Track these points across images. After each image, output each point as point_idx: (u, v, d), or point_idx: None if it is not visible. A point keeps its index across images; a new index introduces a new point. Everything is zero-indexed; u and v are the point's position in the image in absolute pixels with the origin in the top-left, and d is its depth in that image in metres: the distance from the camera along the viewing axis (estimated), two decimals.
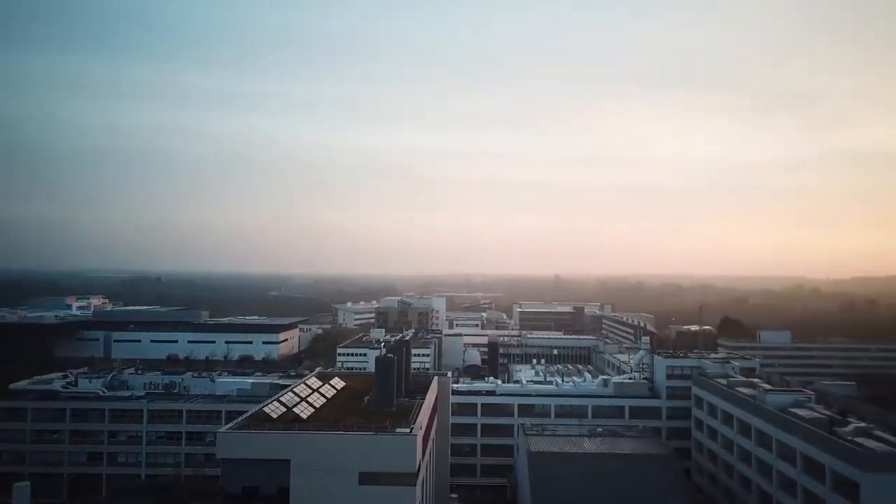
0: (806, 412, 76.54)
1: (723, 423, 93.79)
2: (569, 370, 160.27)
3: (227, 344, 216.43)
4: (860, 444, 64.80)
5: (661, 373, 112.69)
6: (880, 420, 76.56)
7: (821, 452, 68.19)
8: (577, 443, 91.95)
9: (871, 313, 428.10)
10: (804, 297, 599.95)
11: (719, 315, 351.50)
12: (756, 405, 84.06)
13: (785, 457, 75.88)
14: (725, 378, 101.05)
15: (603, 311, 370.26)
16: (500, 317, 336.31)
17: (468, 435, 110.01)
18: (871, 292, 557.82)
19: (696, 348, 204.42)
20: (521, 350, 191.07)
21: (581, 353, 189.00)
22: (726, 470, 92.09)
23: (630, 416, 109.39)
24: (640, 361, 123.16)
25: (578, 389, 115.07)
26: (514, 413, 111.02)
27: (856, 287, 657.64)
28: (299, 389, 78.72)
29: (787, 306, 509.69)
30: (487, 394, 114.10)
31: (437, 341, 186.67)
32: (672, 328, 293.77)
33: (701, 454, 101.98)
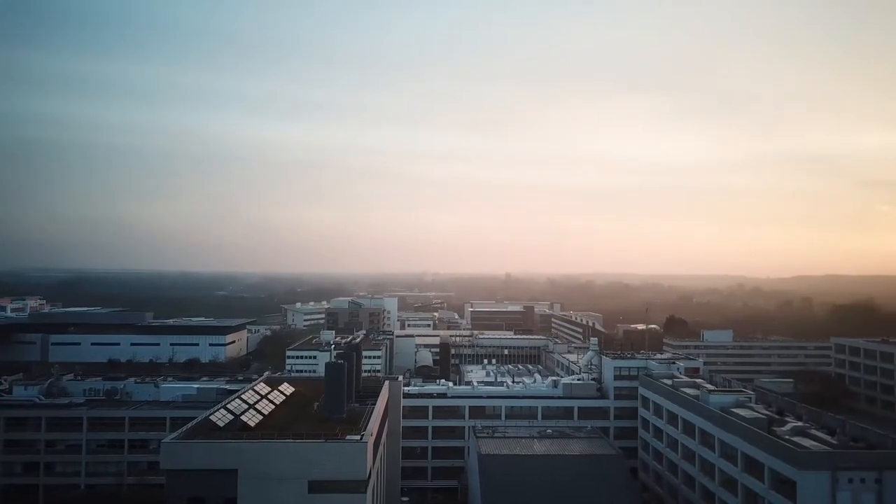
0: (746, 412, 78.96)
1: (668, 422, 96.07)
2: (519, 370, 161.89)
3: (173, 346, 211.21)
4: (797, 443, 67.17)
5: (608, 373, 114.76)
6: (815, 419, 79.47)
7: (760, 451, 70.46)
8: (527, 445, 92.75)
9: (808, 311, 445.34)
10: (745, 296, 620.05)
11: (665, 314, 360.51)
12: (699, 405, 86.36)
13: (727, 456, 78.18)
14: (671, 378, 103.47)
15: (553, 310, 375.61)
16: (451, 316, 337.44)
17: (419, 437, 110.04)
18: (808, 291, 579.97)
19: (642, 347, 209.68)
20: (473, 350, 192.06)
21: (531, 352, 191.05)
22: (671, 468, 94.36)
23: (579, 417, 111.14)
24: (589, 362, 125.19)
25: (529, 391, 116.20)
26: (465, 415, 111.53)
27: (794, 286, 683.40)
28: (247, 396, 77.37)
29: (729, 305, 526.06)
30: (439, 396, 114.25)
31: (388, 343, 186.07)
32: (620, 327, 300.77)
33: (647, 453, 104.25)
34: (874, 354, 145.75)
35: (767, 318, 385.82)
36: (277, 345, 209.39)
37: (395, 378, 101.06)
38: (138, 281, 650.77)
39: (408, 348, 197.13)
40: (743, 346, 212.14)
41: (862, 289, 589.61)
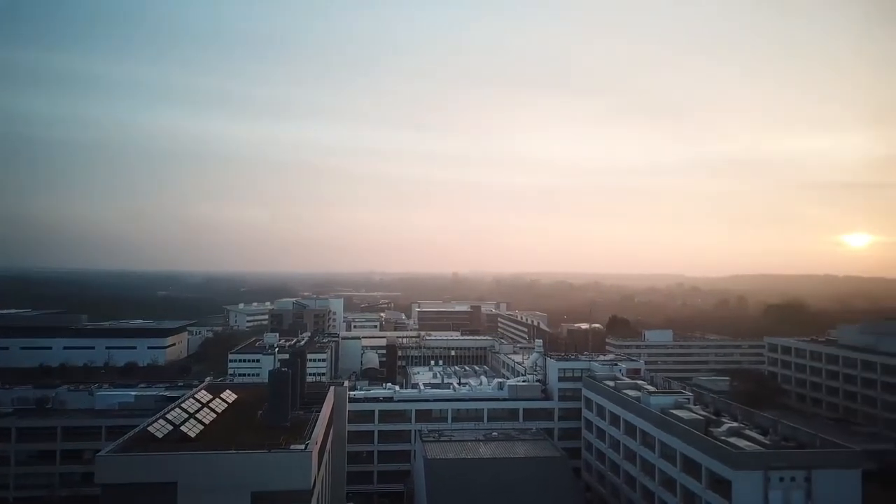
0: (685, 413, 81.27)
1: (610, 423, 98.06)
2: (466, 371, 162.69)
3: (109, 350, 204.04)
4: (732, 444, 69.50)
5: (553, 375, 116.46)
6: (749, 419, 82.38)
7: (697, 452, 72.59)
8: (473, 448, 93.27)
9: (743, 310, 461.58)
10: (684, 295, 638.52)
11: (608, 313, 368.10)
12: (640, 407, 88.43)
13: (666, 456, 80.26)
14: (613, 380, 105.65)
15: (499, 309, 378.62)
16: (399, 317, 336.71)
17: (365, 442, 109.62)
18: (743, 289, 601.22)
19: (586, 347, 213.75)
20: (420, 352, 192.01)
21: (478, 353, 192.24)
22: (613, 469, 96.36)
23: (524, 419, 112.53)
24: (534, 364, 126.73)
25: (475, 393, 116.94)
26: (411, 419, 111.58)
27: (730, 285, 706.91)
28: (187, 405, 75.28)
29: (669, 304, 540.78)
30: (385, 400, 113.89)
31: (334, 345, 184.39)
32: (564, 326, 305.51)
33: (590, 453, 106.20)
34: (804, 353, 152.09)
35: (705, 316, 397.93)
36: (219, 347, 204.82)
37: (341, 383, 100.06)
38: (73, 280, 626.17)
39: (354, 350, 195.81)
40: (682, 346, 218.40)
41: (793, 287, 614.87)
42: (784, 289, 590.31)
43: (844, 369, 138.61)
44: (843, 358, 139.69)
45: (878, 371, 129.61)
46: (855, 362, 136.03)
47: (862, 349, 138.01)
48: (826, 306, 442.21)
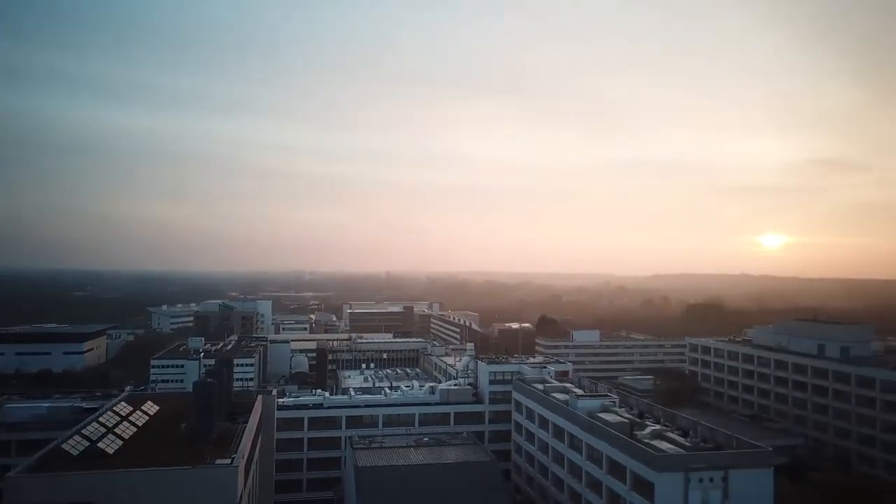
0: (611, 416, 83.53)
1: (540, 426, 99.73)
2: (398, 374, 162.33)
3: (20, 356, 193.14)
4: (655, 446, 71.89)
5: (484, 378, 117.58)
6: (671, 420, 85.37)
7: (622, 455, 74.74)
8: (403, 454, 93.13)
9: (666, 308, 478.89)
10: (611, 294, 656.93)
11: (538, 312, 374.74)
12: (568, 410, 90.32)
13: (593, 458, 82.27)
14: (542, 383, 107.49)
15: (432, 309, 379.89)
16: (329, 318, 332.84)
17: (294, 450, 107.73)
18: (666, 289, 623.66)
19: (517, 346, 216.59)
20: (351, 355, 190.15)
21: (410, 355, 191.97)
22: (542, 471, 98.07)
23: (455, 422, 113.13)
24: (466, 367, 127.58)
25: (406, 398, 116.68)
26: (342, 425, 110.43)
27: (654, 284, 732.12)
28: (105, 418, 72.07)
29: (596, 303, 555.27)
30: (315, 407, 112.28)
31: (262, 349, 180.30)
32: (495, 326, 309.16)
33: (520, 456, 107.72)
34: (722, 353, 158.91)
35: (631, 316, 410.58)
36: (142, 352, 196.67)
37: (269, 392, 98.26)
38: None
39: (283, 354, 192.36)
40: (608, 346, 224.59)
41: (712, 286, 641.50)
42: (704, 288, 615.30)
43: (759, 368, 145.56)
44: (758, 357, 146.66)
45: (790, 370, 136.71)
46: (768, 361, 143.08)
47: (775, 349, 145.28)
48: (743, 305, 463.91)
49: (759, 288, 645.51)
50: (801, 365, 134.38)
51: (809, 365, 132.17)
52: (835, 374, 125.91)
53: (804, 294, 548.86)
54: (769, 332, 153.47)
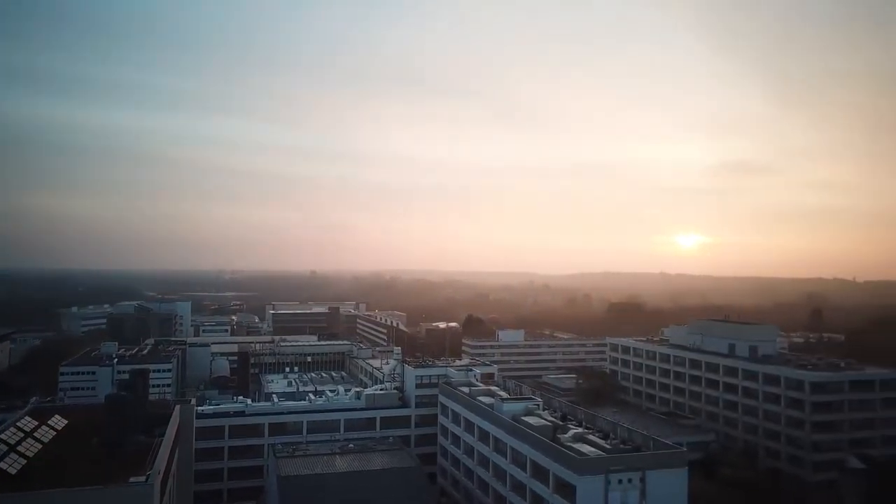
0: (534, 420, 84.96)
1: (465, 430, 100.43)
2: (322, 378, 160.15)
3: None
4: (576, 449, 73.61)
5: (410, 382, 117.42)
6: (592, 422, 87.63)
7: (545, 458, 76.19)
8: (328, 462, 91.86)
9: (588, 307, 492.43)
10: (536, 292, 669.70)
11: (465, 310, 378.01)
12: (493, 414, 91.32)
13: (517, 462, 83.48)
14: (468, 386, 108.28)
15: (358, 310, 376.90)
16: (252, 320, 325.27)
17: (215, 459, 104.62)
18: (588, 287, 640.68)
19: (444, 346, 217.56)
20: (274, 358, 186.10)
21: (335, 358, 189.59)
22: (468, 474, 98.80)
23: (381, 427, 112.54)
24: (392, 371, 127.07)
25: (331, 404, 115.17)
26: (265, 433, 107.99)
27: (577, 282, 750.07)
28: (7, 435, 67.67)
29: (521, 301, 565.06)
30: (236, 415, 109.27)
31: (180, 353, 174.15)
32: (423, 326, 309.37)
33: (446, 459, 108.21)
34: (640, 352, 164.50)
35: (555, 314, 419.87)
36: (49, 358, 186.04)
37: (188, 401, 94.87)
38: None
39: (203, 358, 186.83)
40: (532, 346, 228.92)
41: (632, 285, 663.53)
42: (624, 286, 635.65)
43: (675, 367, 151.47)
44: (674, 357, 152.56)
45: (703, 368, 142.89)
46: (684, 360, 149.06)
47: (690, 348, 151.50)
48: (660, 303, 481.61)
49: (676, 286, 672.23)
50: (713, 364, 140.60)
51: (721, 363, 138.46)
52: (744, 372, 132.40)
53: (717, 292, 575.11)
54: (684, 332, 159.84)
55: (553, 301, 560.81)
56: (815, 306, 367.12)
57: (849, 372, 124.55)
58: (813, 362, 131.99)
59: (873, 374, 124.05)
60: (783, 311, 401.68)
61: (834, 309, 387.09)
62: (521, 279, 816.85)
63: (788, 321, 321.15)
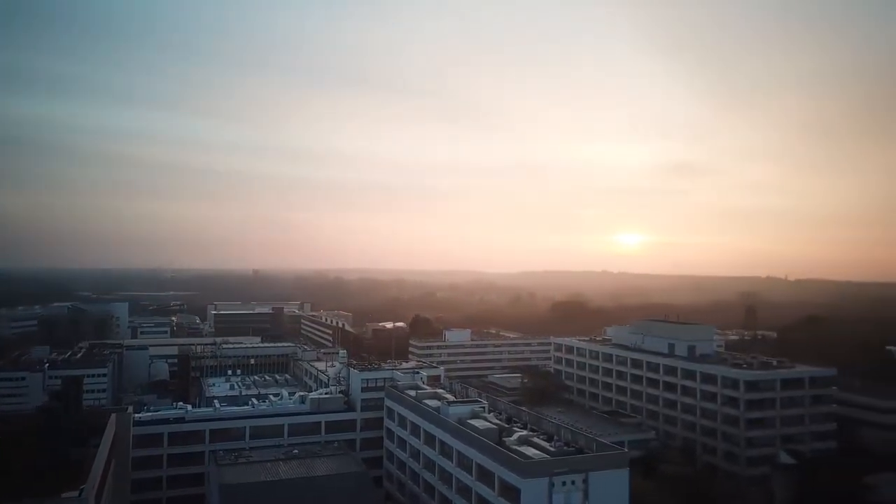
0: (480, 423, 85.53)
1: (411, 433, 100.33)
2: (266, 381, 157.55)
3: None
4: (521, 452, 74.44)
5: (356, 386, 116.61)
6: (537, 424, 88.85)
7: (490, 461, 76.79)
8: (272, 469, 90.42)
9: (533, 305, 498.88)
10: (482, 291, 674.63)
11: (412, 309, 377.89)
12: (439, 418, 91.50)
13: (463, 465, 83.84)
14: (415, 389, 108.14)
15: (303, 310, 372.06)
16: (193, 320, 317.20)
17: (153, 468, 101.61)
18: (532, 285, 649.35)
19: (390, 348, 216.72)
20: (216, 361, 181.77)
21: (280, 360, 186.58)
22: (413, 478, 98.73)
23: (326, 431, 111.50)
24: (338, 375, 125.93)
25: (275, 408, 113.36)
26: (205, 439, 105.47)
27: (521, 281, 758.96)
28: None
29: (468, 299, 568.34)
30: (175, 421, 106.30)
31: (116, 357, 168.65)
32: (369, 326, 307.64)
33: (391, 463, 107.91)
34: (584, 352, 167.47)
35: (500, 313, 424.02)
36: None
37: (125, 409, 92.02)
38: None
39: (141, 361, 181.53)
40: (479, 345, 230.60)
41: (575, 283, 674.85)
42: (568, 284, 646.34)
43: (617, 367, 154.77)
44: (616, 356, 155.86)
45: (644, 368, 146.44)
46: (625, 360, 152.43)
47: (631, 348, 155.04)
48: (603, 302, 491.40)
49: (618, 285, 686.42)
50: (653, 363, 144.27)
51: (661, 363, 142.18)
52: (683, 372, 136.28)
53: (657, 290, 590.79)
54: (626, 332, 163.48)
55: (499, 299, 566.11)
56: (750, 304, 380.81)
57: (780, 370, 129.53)
58: (748, 361, 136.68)
59: (803, 372, 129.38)
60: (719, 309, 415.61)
61: (767, 307, 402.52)
62: (468, 277, 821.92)
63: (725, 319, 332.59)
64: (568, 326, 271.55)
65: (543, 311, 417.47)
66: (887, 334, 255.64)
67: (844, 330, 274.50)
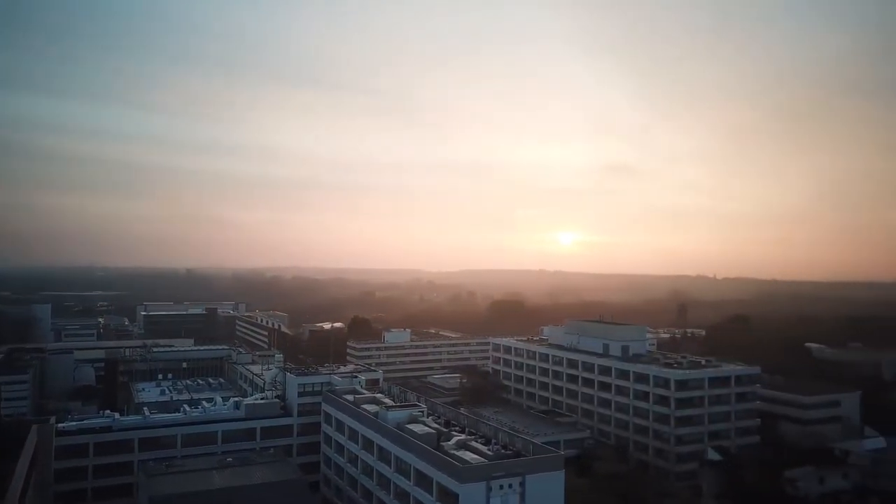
0: (419, 427, 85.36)
1: (349, 438, 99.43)
2: (199, 385, 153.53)
3: None
4: (459, 457, 74.72)
5: (293, 390, 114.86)
6: (475, 427, 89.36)
7: (429, 467, 76.79)
8: (205, 478, 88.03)
9: (473, 304, 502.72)
10: (422, 289, 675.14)
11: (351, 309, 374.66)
12: (377, 423, 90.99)
13: (401, 471, 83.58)
14: (353, 394, 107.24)
15: (238, 310, 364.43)
16: (122, 322, 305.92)
17: (77, 480, 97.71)
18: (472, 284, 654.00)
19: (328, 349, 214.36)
20: (147, 365, 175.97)
21: (213, 363, 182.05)
22: (351, 483, 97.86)
23: (262, 437, 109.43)
24: (274, 379, 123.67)
25: (208, 415, 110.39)
26: (134, 448, 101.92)
27: (461, 279, 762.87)
28: None
29: (408, 298, 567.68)
30: (102, 431, 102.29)
31: (38, 362, 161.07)
32: (306, 327, 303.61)
33: (329, 468, 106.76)
34: (521, 352, 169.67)
35: (440, 311, 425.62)
36: None
37: (46, 420, 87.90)
38: None
39: (65, 366, 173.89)
40: (418, 346, 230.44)
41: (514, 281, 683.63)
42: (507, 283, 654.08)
43: (553, 367, 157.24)
44: (552, 356, 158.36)
45: (580, 368, 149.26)
46: (561, 360, 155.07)
47: (567, 348, 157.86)
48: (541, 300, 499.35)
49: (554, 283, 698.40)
50: (588, 363, 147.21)
51: (596, 363, 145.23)
52: (617, 371, 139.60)
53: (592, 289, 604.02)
54: (562, 332, 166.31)
55: (439, 298, 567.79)
56: (680, 303, 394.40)
57: (708, 369, 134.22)
58: (678, 360, 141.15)
59: (729, 371, 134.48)
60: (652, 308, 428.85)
61: (697, 305, 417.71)
62: (408, 276, 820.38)
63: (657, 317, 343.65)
64: (506, 325, 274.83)
65: (483, 309, 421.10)
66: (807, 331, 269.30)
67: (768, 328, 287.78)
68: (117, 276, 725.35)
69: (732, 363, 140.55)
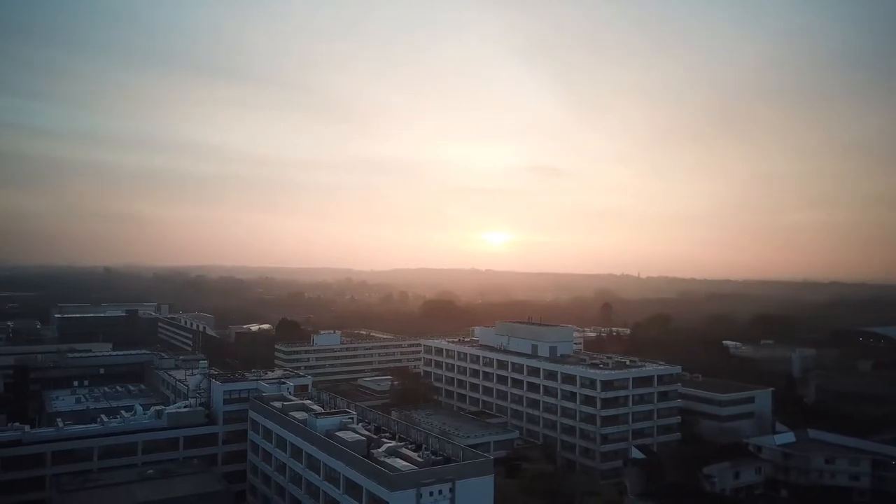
0: (348, 435, 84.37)
1: (277, 446, 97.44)
2: (118, 392, 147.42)
3: None
4: (389, 465, 74.38)
5: (218, 397, 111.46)
6: (406, 434, 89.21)
7: (358, 475, 76.17)
8: (124, 493, 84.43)
9: (404, 304, 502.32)
10: (353, 289, 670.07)
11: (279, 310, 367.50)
12: (306, 430, 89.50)
13: (331, 479, 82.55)
14: (281, 400, 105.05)
15: (160, 312, 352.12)
16: (33, 326, 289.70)
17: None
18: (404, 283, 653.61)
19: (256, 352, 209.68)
20: (61, 372, 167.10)
21: (133, 369, 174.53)
22: (279, 492, 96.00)
23: (185, 447, 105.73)
24: (198, 386, 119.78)
25: (127, 425, 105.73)
26: (47, 463, 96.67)
27: (393, 278, 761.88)
28: None
29: (338, 299, 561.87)
30: (10, 445, 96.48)
31: None
32: (232, 329, 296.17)
33: (256, 476, 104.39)
34: (452, 354, 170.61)
35: (372, 311, 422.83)
36: None
37: None
38: None
39: None
40: (349, 349, 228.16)
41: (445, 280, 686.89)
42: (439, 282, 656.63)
43: (483, 368, 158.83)
44: (483, 358, 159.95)
45: (509, 369, 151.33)
46: (492, 361, 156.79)
47: (497, 349, 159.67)
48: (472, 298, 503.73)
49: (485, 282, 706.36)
50: (517, 364, 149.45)
51: (525, 364, 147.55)
52: (545, 372, 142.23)
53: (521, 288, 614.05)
54: (492, 333, 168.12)
55: (370, 298, 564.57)
56: (606, 302, 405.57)
57: (633, 369, 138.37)
58: (604, 361, 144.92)
59: (652, 371, 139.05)
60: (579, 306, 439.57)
61: (622, 303, 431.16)
62: (338, 276, 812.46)
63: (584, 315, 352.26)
64: (438, 325, 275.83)
65: (415, 309, 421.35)
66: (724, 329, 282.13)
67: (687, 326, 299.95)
68: (28, 274, 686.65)
69: (655, 362, 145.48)
